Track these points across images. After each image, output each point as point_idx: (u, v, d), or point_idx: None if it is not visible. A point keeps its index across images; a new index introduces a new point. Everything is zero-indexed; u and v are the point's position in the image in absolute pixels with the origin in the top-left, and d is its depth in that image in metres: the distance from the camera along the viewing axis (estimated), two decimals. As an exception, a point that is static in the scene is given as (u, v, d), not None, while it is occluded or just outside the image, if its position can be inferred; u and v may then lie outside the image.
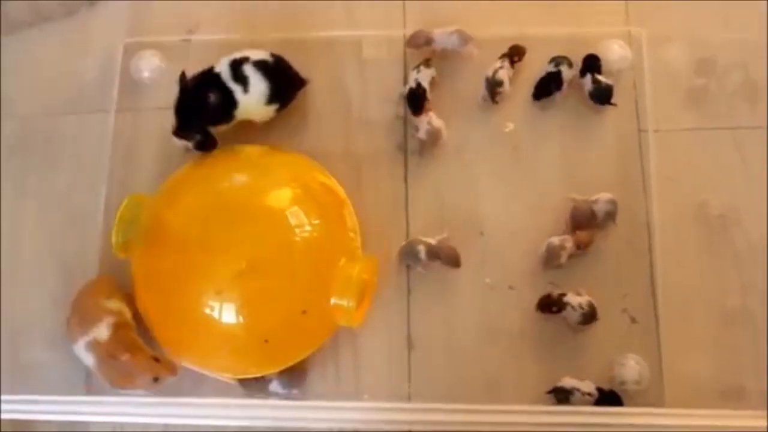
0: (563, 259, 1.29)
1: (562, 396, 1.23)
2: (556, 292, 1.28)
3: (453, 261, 1.31)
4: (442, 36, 1.41)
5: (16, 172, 1.44)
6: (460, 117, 1.40)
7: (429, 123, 1.35)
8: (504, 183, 1.37)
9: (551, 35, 1.43)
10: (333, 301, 1.22)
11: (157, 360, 1.22)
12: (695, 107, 1.39)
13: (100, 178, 1.42)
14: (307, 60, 1.45)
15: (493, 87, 1.37)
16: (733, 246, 1.31)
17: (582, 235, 1.30)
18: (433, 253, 1.30)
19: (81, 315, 1.26)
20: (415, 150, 1.39)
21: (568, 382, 1.24)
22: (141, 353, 1.22)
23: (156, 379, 1.21)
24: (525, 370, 1.28)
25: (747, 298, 1.29)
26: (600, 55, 1.39)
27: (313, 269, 1.25)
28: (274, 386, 1.27)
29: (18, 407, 1.01)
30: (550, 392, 1.24)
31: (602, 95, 1.36)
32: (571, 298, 1.27)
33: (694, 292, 1.30)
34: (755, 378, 1.24)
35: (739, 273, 1.30)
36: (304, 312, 1.24)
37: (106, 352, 1.22)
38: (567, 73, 1.37)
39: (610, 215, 1.31)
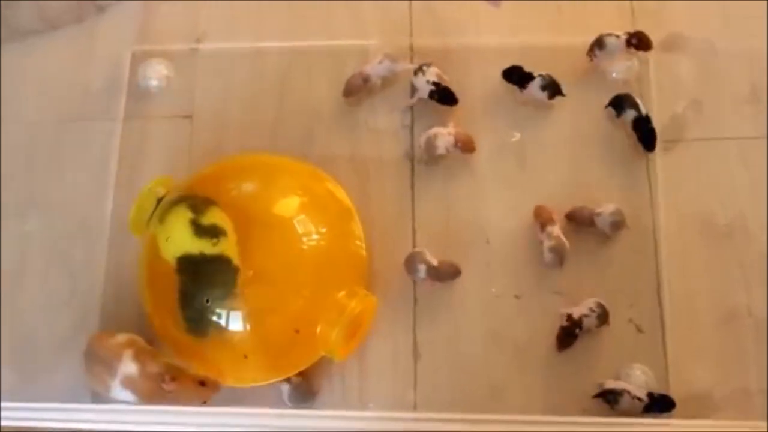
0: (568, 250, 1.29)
1: (611, 398, 1.22)
2: (564, 317, 1.27)
3: (453, 274, 1.31)
4: (374, 68, 1.41)
5: (22, 178, 1.44)
6: (467, 126, 1.39)
7: (431, 136, 1.36)
8: (510, 191, 1.37)
9: (557, 43, 1.43)
10: (320, 329, 1.21)
11: (202, 383, 1.20)
12: (701, 117, 1.39)
13: (106, 186, 1.42)
14: (314, 67, 1.46)
15: (596, 45, 1.39)
16: (739, 256, 1.31)
17: (544, 212, 1.31)
18: (433, 274, 1.30)
19: (98, 360, 1.23)
20: (422, 159, 1.39)
21: (617, 384, 1.23)
22: (185, 378, 1.19)
23: (205, 402, 1.19)
24: (531, 379, 1.28)
25: (754, 307, 1.29)
26: (604, 67, 1.41)
27: (318, 280, 1.25)
28: (284, 395, 1.27)
29: (18, 414, 1.01)
30: (597, 396, 1.23)
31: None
32: (580, 309, 1.27)
33: (701, 301, 1.30)
34: (762, 388, 1.24)
35: (746, 283, 1.30)
36: (297, 331, 1.24)
37: (147, 386, 1.19)
38: (536, 86, 1.37)
39: (616, 225, 1.31)
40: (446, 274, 1.30)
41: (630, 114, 1.35)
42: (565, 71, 1.41)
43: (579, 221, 1.32)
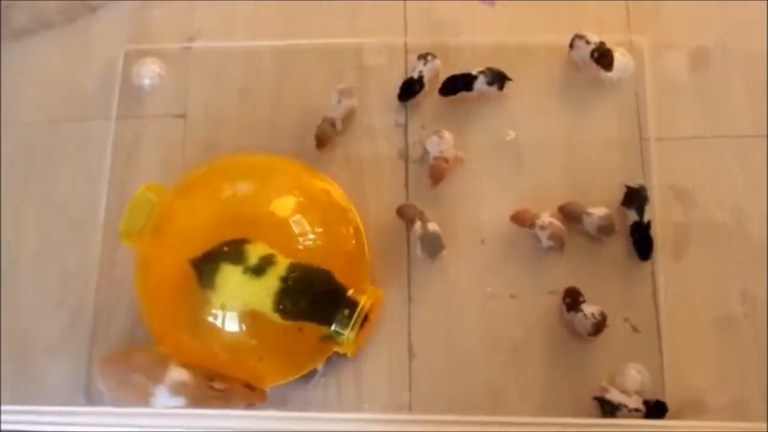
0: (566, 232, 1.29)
1: (609, 409, 1.22)
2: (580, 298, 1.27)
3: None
4: (335, 110, 1.39)
5: (16, 179, 1.44)
6: (461, 124, 1.40)
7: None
8: (505, 190, 1.37)
9: (552, 43, 1.43)
10: (333, 327, 1.20)
11: (251, 388, 1.23)
12: (698, 115, 1.39)
13: (100, 186, 1.42)
14: (309, 67, 1.46)
15: (570, 44, 1.39)
16: (736, 255, 1.31)
17: (523, 214, 1.31)
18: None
19: (134, 373, 1.24)
20: (416, 158, 1.39)
21: (615, 396, 1.23)
22: (232, 381, 1.22)
23: (250, 406, 1.22)
24: (527, 379, 1.28)
25: (750, 307, 1.29)
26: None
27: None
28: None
29: (18, 418, 1.00)
30: (596, 399, 1.23)
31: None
32: (586, 307, 1.26)
33: (697, 301, 1.29)
34: (759, 389, 1.24)
35: (743, 282, 1.30)
36: (300, 329, 1.23)
37: (197, 390, 1.21)
38: (482, 83, 1.37)
39: (603, 230, 1.30)
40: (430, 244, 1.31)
41: (631, 216, 1.31)
42: (560, 70, 1.41)
43: (569, 216, 1.32)
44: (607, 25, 1.40)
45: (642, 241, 1.31)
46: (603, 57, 1.37)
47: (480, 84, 1.37)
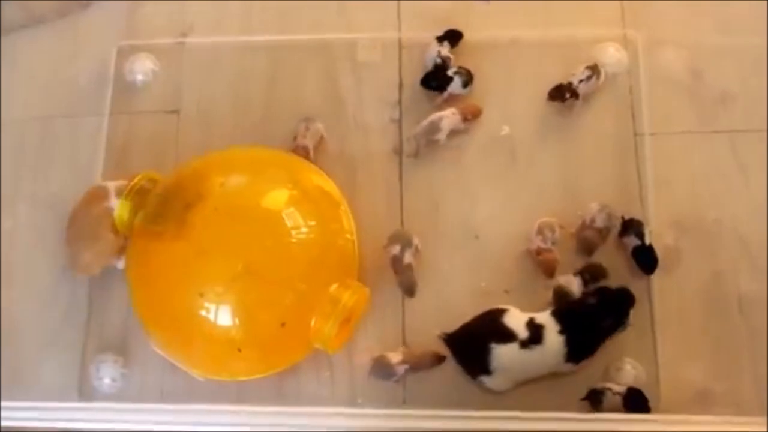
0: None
1: (595, 397, 1.22)
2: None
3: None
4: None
5: (8, 175, 1.43)
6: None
7: (436, 120, 1.36)
8: (499, 186, 1.37)
9: (546, 38, 1.43)
10: (314, 322, 1.20)
11: None
12: (692, 110, 1.39)
13: (93, 181, 1.41)
14: (302, 62, 1.46)
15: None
16: (729, 250, 1.31)
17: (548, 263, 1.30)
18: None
19: None
20: (411, 152, 1.39)
21: (600, 384, 1.23)
22: None
23: None
24: (521, 374, 1.27)
25: (743, 303, 1.29)
26: (595, 59, 1.39)
27: (308, 273, 1.25)
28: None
29: (14, 415, 1.00)
30: (584, 399, 1.23)
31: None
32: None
33: (691, 296, 1.29)
34: (752, 383, 1.24)
35: (736, 277, 1.30)
36: (282, 324, 1.23)
37: None
38: (457, 85, 1.38)
39: (611, 217, 1.31)
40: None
41: (632, 241, 1.30)
42: (554, 66, 1.41)
43: (590, 244, 1.31)
44: (601, 20, 1.40)
45: (647, 261, 1.29)
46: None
47: (456, 86, 1.38)
